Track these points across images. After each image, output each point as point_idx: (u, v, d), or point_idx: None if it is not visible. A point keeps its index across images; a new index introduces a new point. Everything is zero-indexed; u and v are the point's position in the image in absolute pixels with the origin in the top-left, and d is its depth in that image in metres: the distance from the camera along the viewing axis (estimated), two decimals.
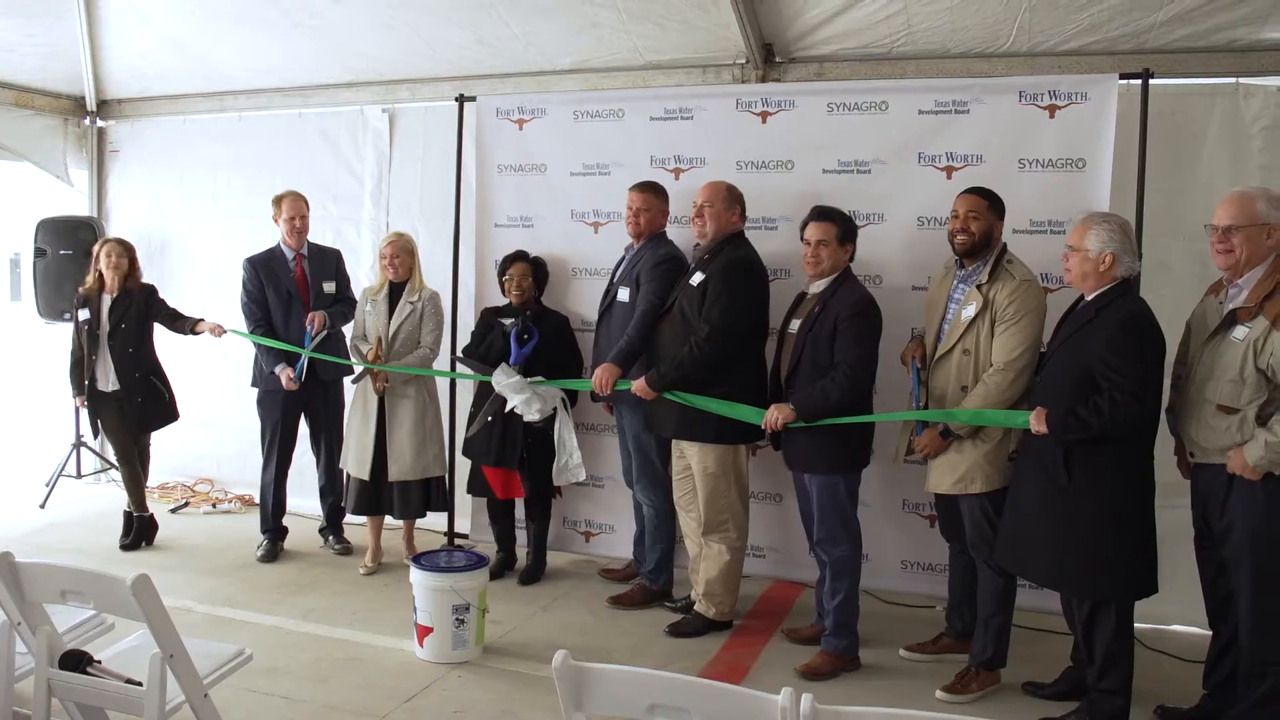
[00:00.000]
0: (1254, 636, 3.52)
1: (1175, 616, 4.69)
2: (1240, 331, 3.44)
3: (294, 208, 5.58)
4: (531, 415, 4.99)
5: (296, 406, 5.69)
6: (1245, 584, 3.52)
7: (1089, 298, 3.72)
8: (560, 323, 5.33)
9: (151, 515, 5.95)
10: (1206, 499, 3.62)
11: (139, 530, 5.87)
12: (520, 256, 5.33)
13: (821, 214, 4.31)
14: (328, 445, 5.77)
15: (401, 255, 5.35)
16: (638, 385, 4.59)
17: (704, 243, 4.67)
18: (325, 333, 5.50)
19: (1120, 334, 3.52)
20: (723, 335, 4.45)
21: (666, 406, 4.59)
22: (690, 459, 4.67)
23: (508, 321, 5.21)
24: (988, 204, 4.09)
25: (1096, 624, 3.69)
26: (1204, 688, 3.84)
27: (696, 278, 4.58)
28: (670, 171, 5.29)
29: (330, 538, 5.87)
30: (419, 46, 6.00)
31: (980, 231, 4.05)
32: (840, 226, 4.27)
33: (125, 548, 5.81)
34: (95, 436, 6.35)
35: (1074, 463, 3.61)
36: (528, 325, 5.12)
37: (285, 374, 5.44)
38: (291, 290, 5.59)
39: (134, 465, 5.84)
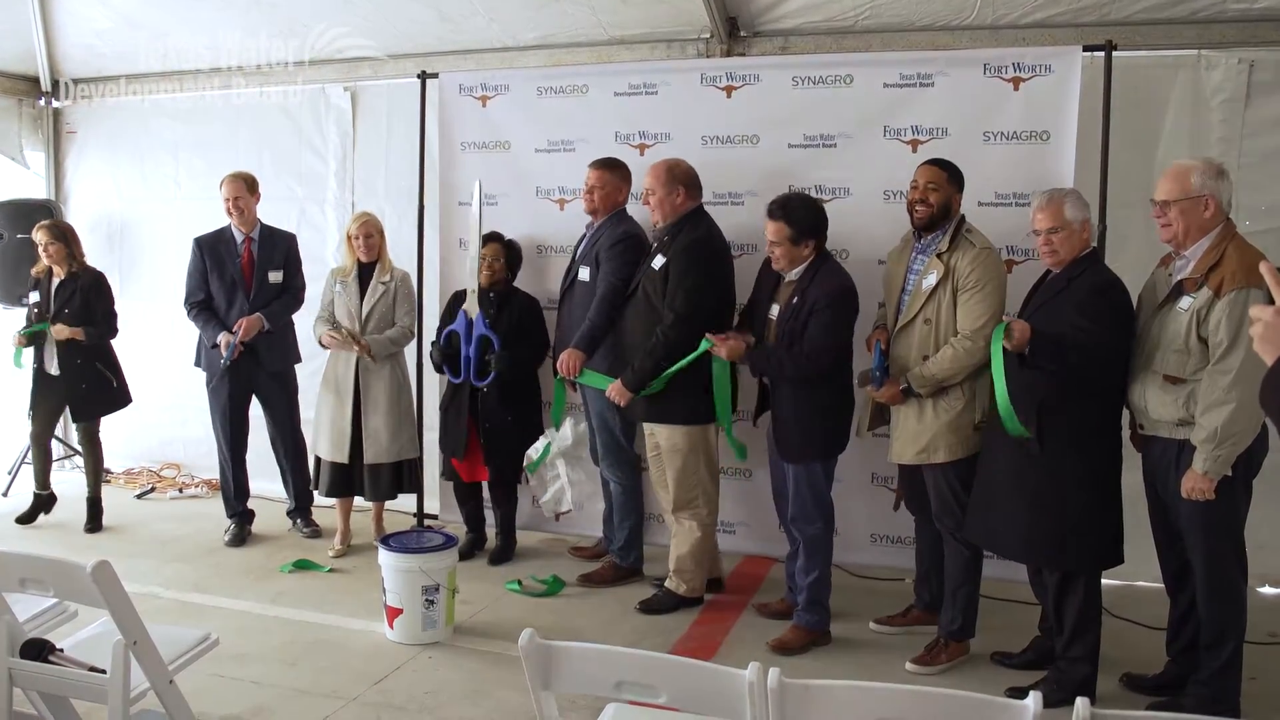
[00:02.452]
0: (1211, 606, 3.56)
1: (1141, 574, 4.75)
2: (1185, 302, 3.46)
3: (231, 188, 5.51)
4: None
5: (242, 389, 5.63)
6: (1198, 554, 3.55)
7: (1058, 269, 3.75)
8: (528, 303, 5.29)
9: (50, 493, 6.03)
10: (1156, 471, 3.65)
11: (35, 505, 5.99)
12: (494, 238, 5.27)
13: (775, 212, 4.22)
14: (288, 432, 5.73)
15: (372, 235, 5.31)
16: (614, 390, 4.57)
17: (659, 227, 4.66)
18: (263, 329, 5.46)
19: (1091, 298, 3.60)
20: (688, 320, 4.43)
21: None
22: (659, 438, 4.67)
23: (468, 307, 5.18)
24: (947, 175, 4.09)
25: (1066, 594, 3.74)
26: (1168, 654, 3.89)
27: (658, 260, 4.58)
28: (635, 147, 5.25)
29: (298, 521, 5.84)
30: (380, 24, 5.93)
31: (939, 203, 4.06)
32: (794, 227, 4.16)
33: (19, 520, 5.93)
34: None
35: (1046, 433, 3.64)
36: (485, 360, 5.05)
37: (224, 339, 5.40)
38: (236, 276, 5.53)
39: (45, 446, 5.95)
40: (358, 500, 5.55)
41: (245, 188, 5.55)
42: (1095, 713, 1.90)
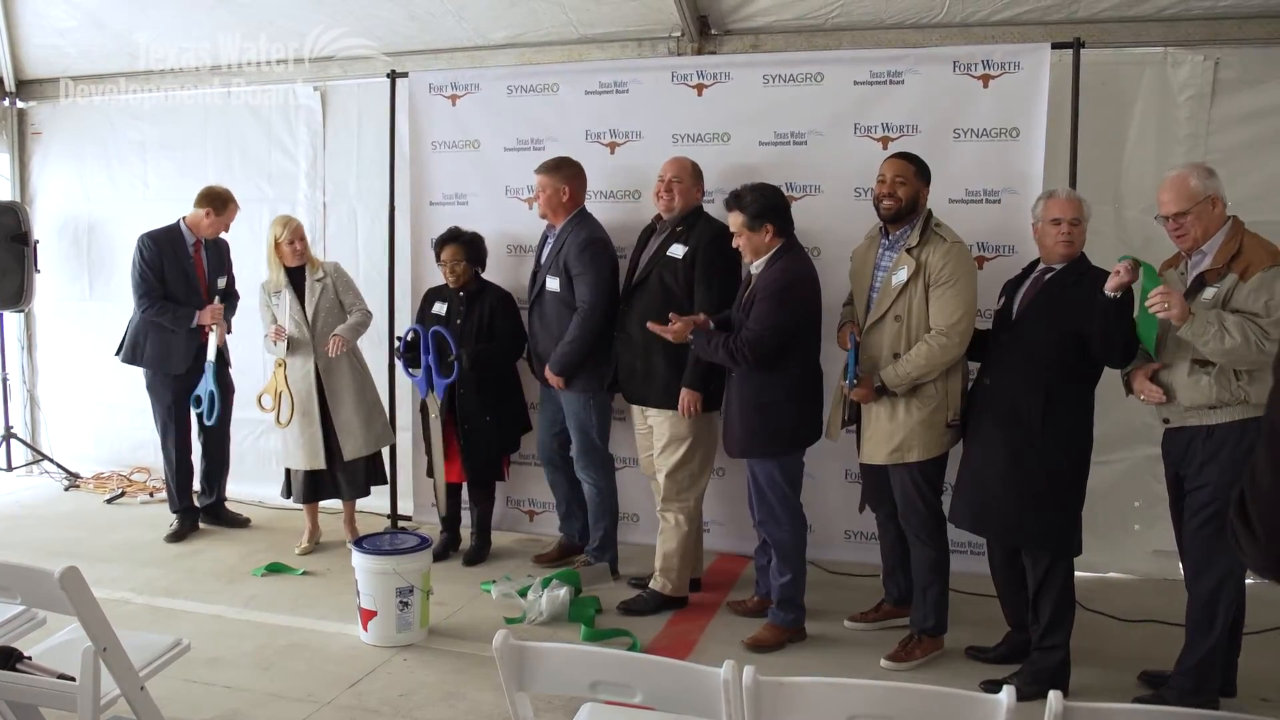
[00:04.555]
0: (1204, 598, 3.57)
1: (1111, 565, 4.85)
2: (1209, 292, 3.49)
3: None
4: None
5: (188, 389, 5.64)
6: (1201, 541, 3.56)
7: (1059, 265, 3.80)
8: (500, 298, 5.25)
9: None
10: (1180, 460, 3.65)
11: None
12: (452, 237, 5.21)
13: (730, 203, 4.21)
14: (227, 430, 5.85)
15: (303, 240, 5.29)
16: (690, 400, 4.49)
17: (669, 216, 4.66)
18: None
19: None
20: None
21: (648, 376, 4.61)
22: (661, 427, 4.65)
23: (442, 308, 5.18)
24: (915, 169, 4.09)
25: (1051, 580, 3.77)
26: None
27: (677, 250, 4.57)
28: (606, 145, 5.25)
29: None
30: (349, 23, 5.89)
31: (907, 197, 4.05)
32: (746, 213, 4.14)
33: None
34: None
35: (1048, 416, 3.70)
36: (449, 363, 5.04)
37: (211, 317, 5.46)
38: (191, 274, 5.61)
39: None
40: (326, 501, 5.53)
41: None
42: (1068, 706, 1.91)
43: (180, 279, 5.56)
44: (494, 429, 5.19)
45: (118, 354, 5.69)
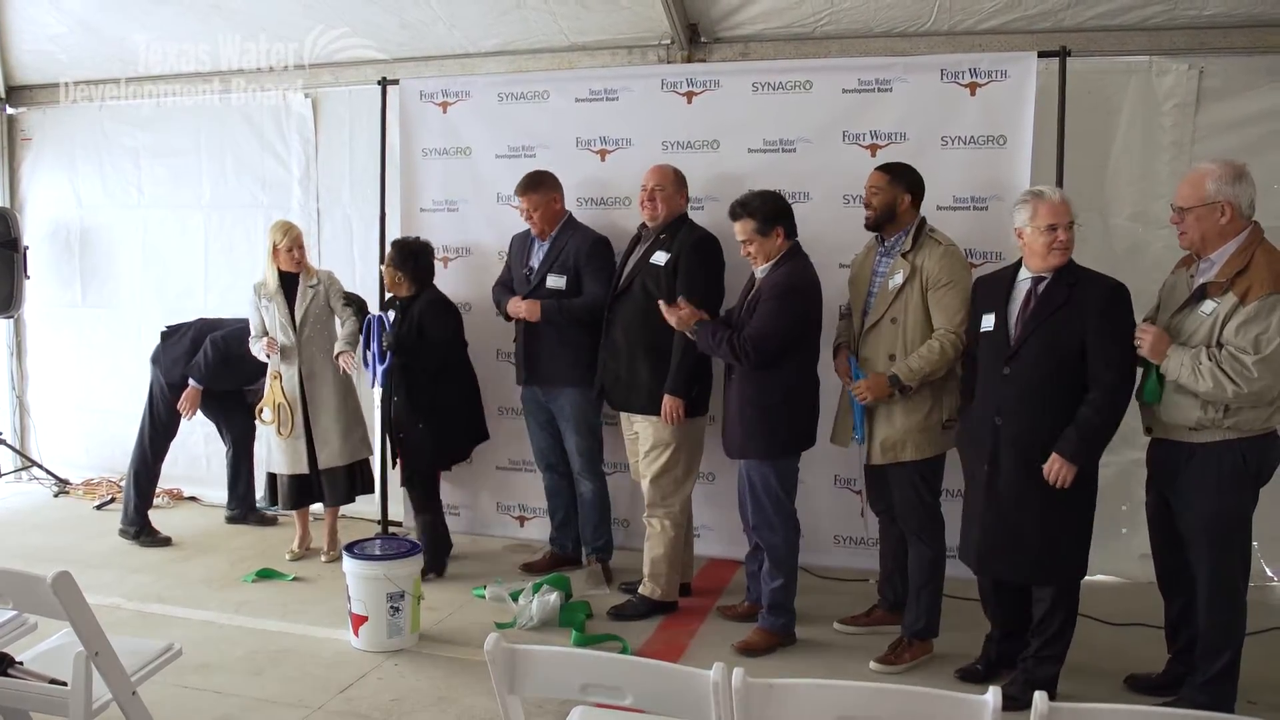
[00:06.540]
0: (1210, 619, 3.55)
1: (1097, 568, 4.84)
2: (1208, 306, 3.43)
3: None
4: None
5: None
6: (1202, 564, 3.55)
7: (1047, 275, 3.64)
8: (430, 303, 5.11)
9: None
10: (1165, 474, 3.63)
11: None
12: (393, 244, 5.20)
13: (736, 211, 4.22)
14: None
15: (301, 249, 5.33)
16: (672, 407, 4.51)
17: (654, 224, 4.68)
18: None
19: (1114, 309, 3.55)
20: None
21: (632, 383, 4.64)
22: (646, 432, 4.66)
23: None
24: (890, 178, 4.16)
25: (1060, 603, 3.74)
26: (1169, 652, 3.89)
27: (659, 257, 4.59)
28: (596, 153, 5.28)
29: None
30: (341, 30, 5.91)
31: (881, 205, 4.15)
32: (756, 219, 4.17)
33: None
34: None
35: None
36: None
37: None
38: None
39: None
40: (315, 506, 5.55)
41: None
42: (1054, 707, 1.93)
43: None
44: (428, 437, 5.08)
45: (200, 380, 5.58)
